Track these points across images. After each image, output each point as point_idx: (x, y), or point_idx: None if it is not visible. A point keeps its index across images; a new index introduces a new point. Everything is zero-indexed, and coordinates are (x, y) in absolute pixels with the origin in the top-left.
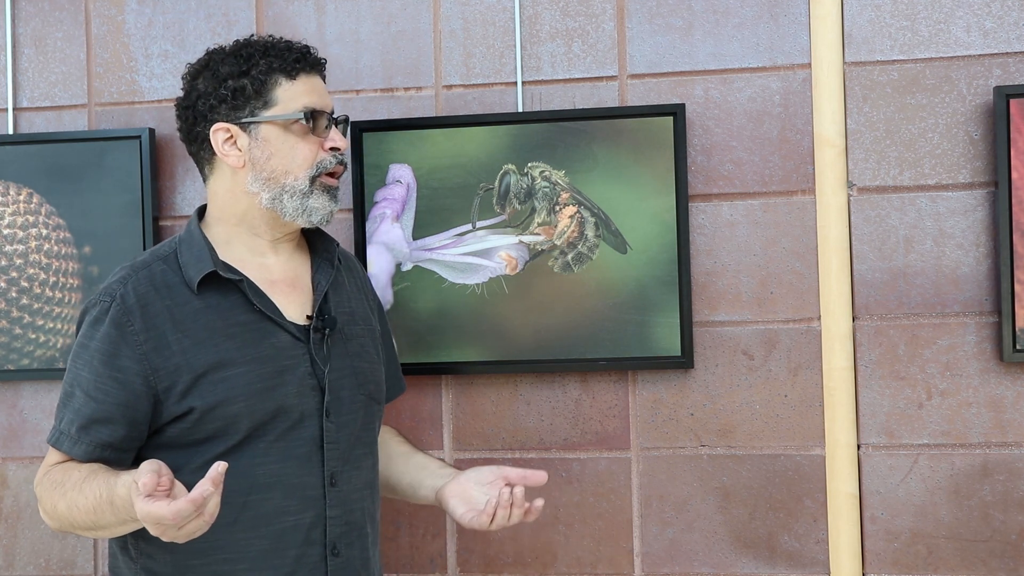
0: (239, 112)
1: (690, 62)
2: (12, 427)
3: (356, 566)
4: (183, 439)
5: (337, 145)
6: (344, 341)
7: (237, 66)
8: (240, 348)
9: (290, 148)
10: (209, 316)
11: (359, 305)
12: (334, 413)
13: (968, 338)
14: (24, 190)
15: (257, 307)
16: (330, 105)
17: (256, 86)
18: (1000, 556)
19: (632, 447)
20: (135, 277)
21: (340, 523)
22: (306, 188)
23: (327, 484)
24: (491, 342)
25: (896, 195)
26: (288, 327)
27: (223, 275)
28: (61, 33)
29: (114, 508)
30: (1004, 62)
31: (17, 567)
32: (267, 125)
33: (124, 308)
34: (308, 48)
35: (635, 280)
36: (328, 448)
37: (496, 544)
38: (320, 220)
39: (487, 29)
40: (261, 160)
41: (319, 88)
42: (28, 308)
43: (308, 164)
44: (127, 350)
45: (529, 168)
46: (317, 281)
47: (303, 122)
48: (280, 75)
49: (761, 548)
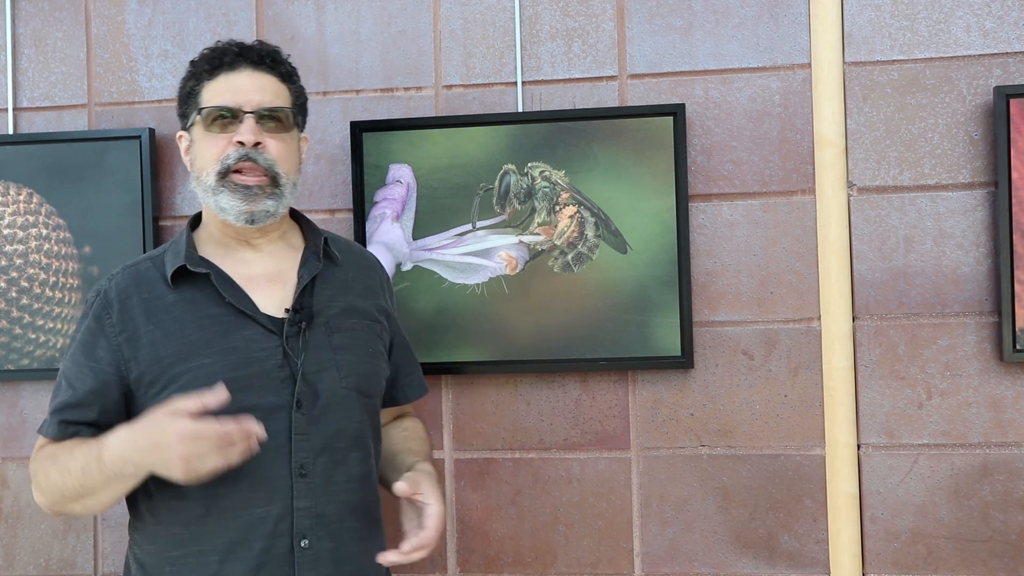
0: (185, 120)
1: (690, 62)
2: (12, 427)
3: (327, 559)
4: None
5: (240, 138)
6: (328, 333)
7: (186, 75)
8: (209, 340)
9: (203, 146)
10: (181, 309)
11: (360, 301)
12: (307, 405)
13: (968, 338)
14: (24, 190)
15: (228, 300)
16: (252, 100)
17: (190, 92)
18: (1000, 556)
19: (632, 447)
20: (121, 274)
21: (310, 515)
22: (214, 184)
23: (295, 475)
24: (491, 342)
25: (896, 195)
26: (260, 319)
27: (191, 269)
28: (61, 33)
29: (101, 463)
30: (1004, 62)
31: (17, 567)
32: (194, 127)
33: (105, 302)
34: (245, 47)
35: (635, 280)
36: (296, 439)
37: (496, 544)
38: (236, 219)
39: (487, 29)
40: (193, 161)
41: (239, 84)
42: (28, 308)
43: (214, 159)
44: (103, 341)
45: (529, 168)
46: (301, 274)
47: (198, 117)
48: (204, 77)
49: (761, 548)
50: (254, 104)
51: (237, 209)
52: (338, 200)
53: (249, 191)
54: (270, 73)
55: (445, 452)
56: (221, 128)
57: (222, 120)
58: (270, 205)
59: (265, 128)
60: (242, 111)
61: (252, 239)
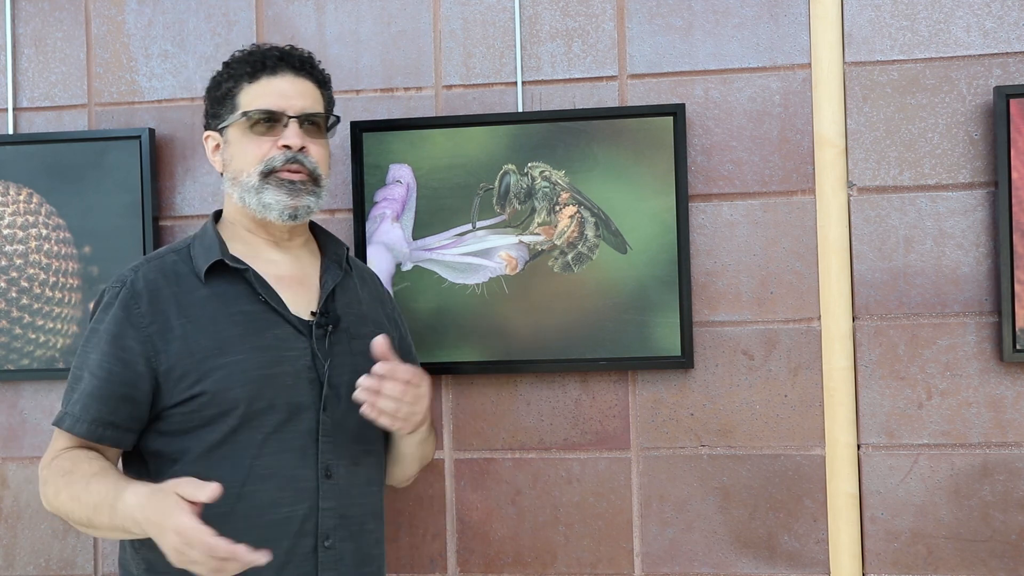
0: (218, 120)
1: (690, 62)
2: (12, 427)
3: (349, 560)
4: (183, 425)
5: (287, 143)
6: (349, 340)
7: (220, 76)
8: (242, 336)
9: (243, 148)
10: (214, 304)
11: (372, 311)
12: (331, 407)
13: (968, 338)
14: (24, 190)
15: (262, 298)
16: (295, 105)
17: (226, 94)
18: (1000, 556)
19: (632, 447)
20: (147, 266)
21: (334, 515)
22: (257, 184)
23: (321, 476)
24: (491, 342)
25: (896, 195)
26: (292, 320)
27: (229, 264)
28: (61, 33)
29: (113, 512)
30: (1004, 62)
31: (17, 567)
32: (231, 128)
33: (133, 292)
34: (284, 51)
35: (635, 280)
36: (323, 441)
37: (496, 544)
38: (280, 215)
39: (487, 29)
40: (229, 162)
41: (282, 89)
42: (28, 308)
43: (257, 160)
44: (132, 331)
45: (529, 168)
46: (325, 280)
47: (240, 119)
48: (244, 80)
49: (761, 548)
50: (297, 109)
51: (282, 204)
52: (338, 200)
53: (294, 186)
54: (309, 79)
55: (445, 452)
56: (264, 131)
57: (265, 124)
58: (311, 201)
59: (307, 132)
60: (286, 115)
61: (281, 240)
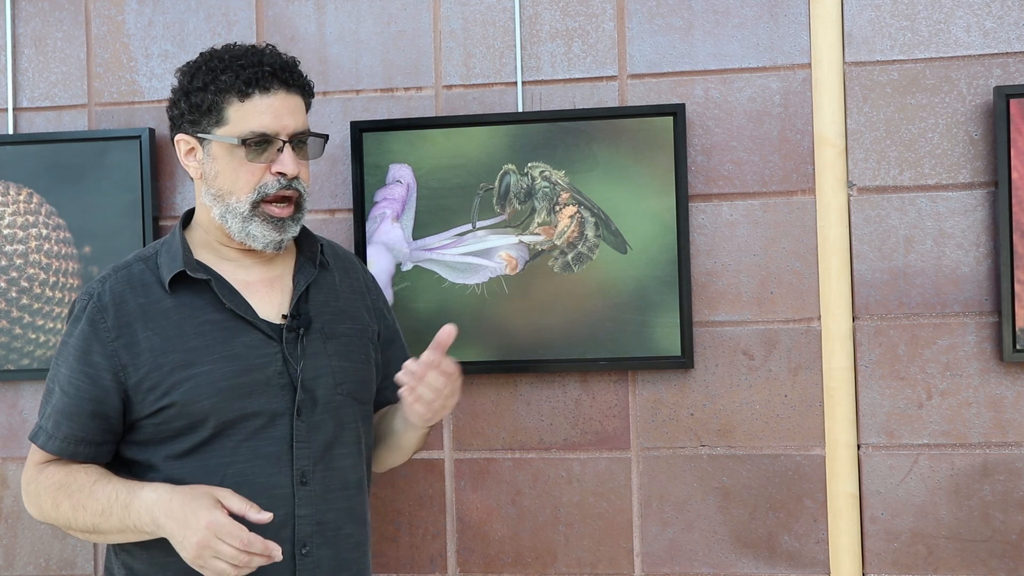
0: (196, 126)
1: (690, 62)
2: (12, 427)
3: (326, 566)
4: (156, 435)
5: (283, 170)
6: (323, 340)
7: (201, 79)
8: (208, 346)
9: (234, 169)
10: (180, 314)
11: (350, 305)
12: (306, 412)
13: (968, 338)
14: (24, 190)
15: (228, 306)
16: (288, 127)
17: (210, 103)
18: (1000, 556)
19: (632, 447)
20: (114, 277)
21: (310, 522)
22: (247, 212)
23: (296, 483)
24: (491, 342)
25: (896, 195)
26: (260, 325)
27: (191, 275)
28: (61, 33)
29: (126, 512)
30: (1004, 62)
31: (17, 567)
32: (216, 143)
33: (99, 306)
34: (276, 64)
35: (635, 280)
36: (298, 447)
37: (496, 544)
38: (264, 247)
39: (487, 29)
40: (211, 176)
41: (275, 108)
42: (28, 308)
43: (250, 187)
44: (99, 346)
45: (529, 168)
46: (297, 281)
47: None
48: (233, 94)
49: (761, 548)
50: (290, 130)
51: (268, 238)
52: (338, 200)
53: (282, 223)
54: (298, 93)
55: (445, 452)
56: (257, 155)
57: (257, 147)
58: (294, 230)
59: (299, 154)
60: (279, 138)
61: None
